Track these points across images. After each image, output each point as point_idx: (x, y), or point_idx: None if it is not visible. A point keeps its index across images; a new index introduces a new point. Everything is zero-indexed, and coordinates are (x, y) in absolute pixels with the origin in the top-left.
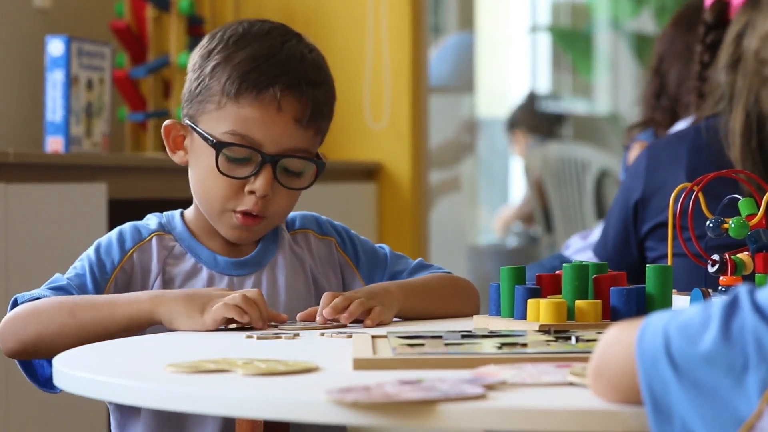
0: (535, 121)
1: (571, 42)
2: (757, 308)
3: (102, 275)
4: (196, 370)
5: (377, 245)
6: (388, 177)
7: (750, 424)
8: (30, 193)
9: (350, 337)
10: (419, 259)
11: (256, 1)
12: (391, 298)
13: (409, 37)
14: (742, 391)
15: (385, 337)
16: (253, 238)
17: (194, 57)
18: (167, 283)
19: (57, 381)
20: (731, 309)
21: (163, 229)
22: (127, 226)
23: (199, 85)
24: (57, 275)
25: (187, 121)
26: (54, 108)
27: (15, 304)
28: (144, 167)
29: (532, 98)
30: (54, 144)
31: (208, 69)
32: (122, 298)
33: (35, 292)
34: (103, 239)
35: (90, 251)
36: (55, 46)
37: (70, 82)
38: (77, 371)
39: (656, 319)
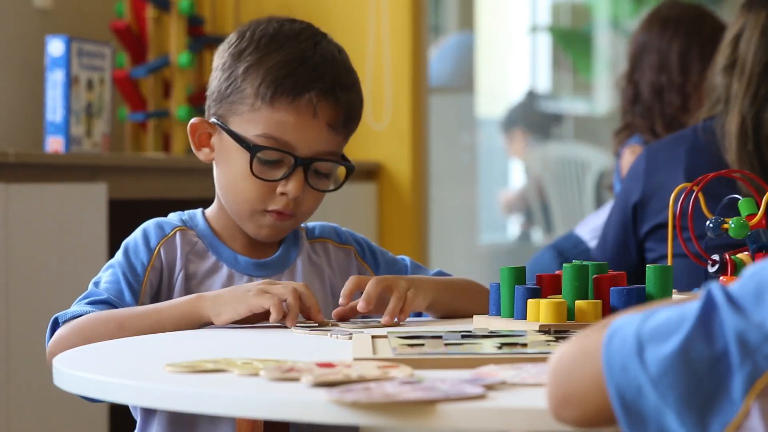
0: (534, 120)
1: (571, 42)
2: (733, 303)
3: (135, 278)
4: (194, 370)
5: (398, 257)
6: (388, 177)
7: (737, 424)
8: (30, 193)
9: (350, 337)
10: (438, 269)
11: (256, 1)
12: (426, 288)
13: (409, 37)
14: (726, 391)
15: (386, 337)
16: (279, 237)
17: (222, 55)
18: (189, 279)
19: (57, 381)
20: (708, 309)
21: (186, 225)
22: (150, 224)
23: (230, 85)
24: (92, 288)
25: (215, 120)
26: (54, 108)
27: (56, 322)
28: (144, 167)
29: (530, 97)
30: (54, 144)
31: (240, 70)
32: (166, 303)
33: (75, 309)
34: (130, 241)
35: (119, 256)
36: (56, 46)
37: (70, 82)
38: (77, 371)
39: (624, 324)
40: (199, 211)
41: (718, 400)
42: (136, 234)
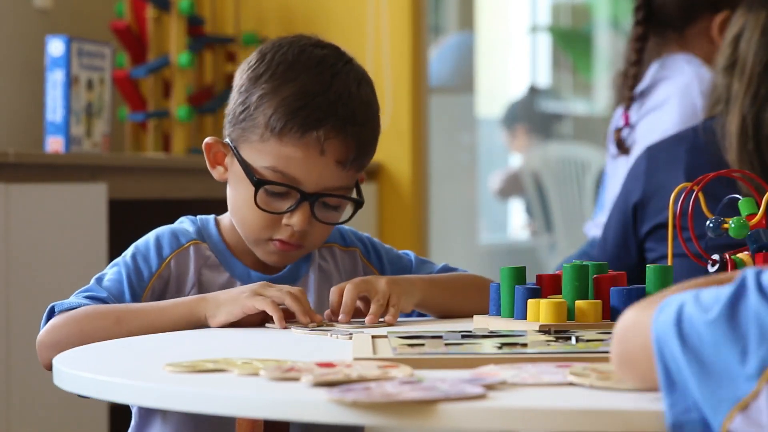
0: (534, 119)
1: (571, 42)
2: (761, 289)
3: (139, 283)
4: (194, 370)
5: (402, 252)
6: (388, 177)
7: (745, 403)
8: (30, 193)
9: (350, 337)
10: (444, 263)
11: (256, 1)
12: (412, 287)
13: (409, 37)
14: (742, 371)
15: (386, 337)
16: (288, 263)
17: (242, 76)
18: (202, 293)
19: (57, 381)
20: (738, 292)
21: (200, 237)
22: (164, 231)
23: (244, 111)
24: (92, 284)
25: (229, 142)
26: (54, 108)
27: (51, 312)
28: (144, 167)
29: (532, 93)
30: (54, 144)
31: (255, 98)
32: (168, 302)
33: (73, 301)
34: (141, 244)
35: (127, 257)
36: (56, 46)
37: (70, 82)
38: (77, 371)
39: (674, 299)
40: (212, 219)
41: (734, 378)
42: (149, 239)
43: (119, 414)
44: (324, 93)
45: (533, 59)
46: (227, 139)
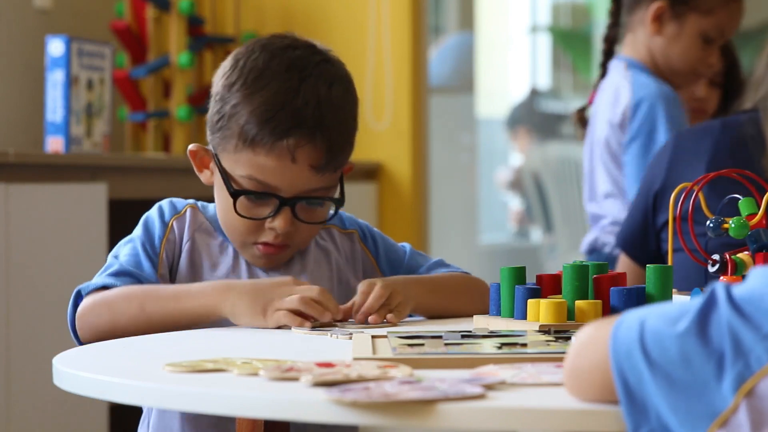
0: (535, 119)
1: (571, 42)
2: (732, 302)
3: (153, 249)
4: (194, 370)
5: (399, 243)
6: (389, 177)
7: (724, 418)
8: (30, 193)
9: (350, 337)
10: (439, 258)
11: (256, 1)
12: (411, 293)
13: (409, 37)
14: (718, 386)
15: (385, 337)
16: (276, 264)
17: (217, 83)
18: (194, 253)
19: (57, 381)
20: (708, 305)
21: (198, 207)
22: (165, 201)
23: (220, 120)
24: (111, 260)
25: (211, 149)
26: (54, 108)
27: (78, 295)
28: (144, 167)
29: (533, 95)
30: (54, 144)
31: (228, 107)
32: (189, 290)
33: (98, 282)
34: (148, 216)
35: (138, 230)
36: (56, 46)
37: (70, 82)
38: (77, 371)
39: (633, 314)
40: (213, 204)
41: (709, 393)
42: (153, 210)
43: (119, 414)
44: (292, 100)
45: (533, 59)
46: (210, 146)
